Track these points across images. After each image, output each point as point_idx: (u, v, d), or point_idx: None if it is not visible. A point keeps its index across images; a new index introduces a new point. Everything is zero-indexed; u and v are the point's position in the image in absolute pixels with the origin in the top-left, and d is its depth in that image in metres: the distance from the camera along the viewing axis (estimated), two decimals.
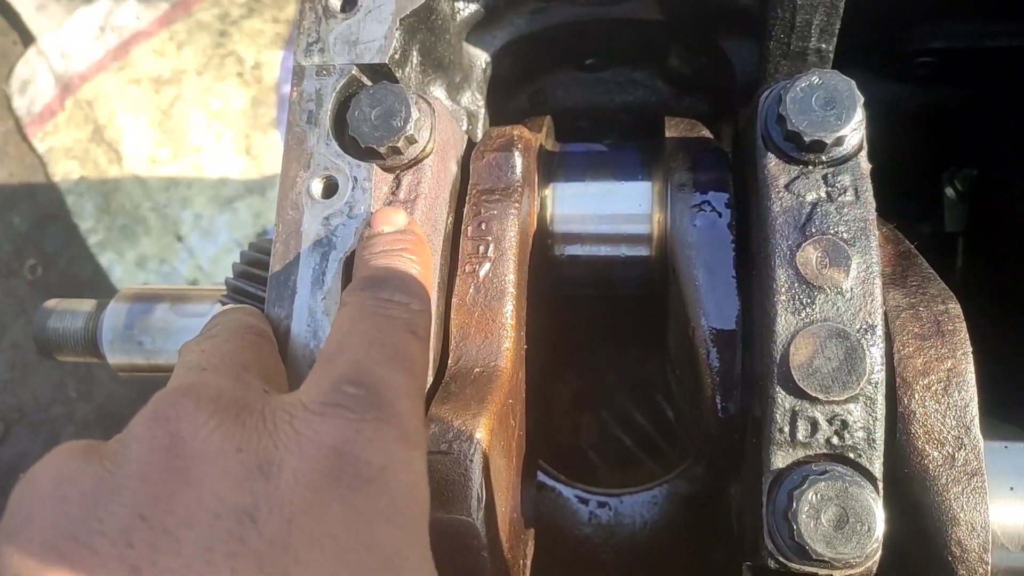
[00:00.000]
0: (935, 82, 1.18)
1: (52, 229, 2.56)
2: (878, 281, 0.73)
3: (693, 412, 0.88)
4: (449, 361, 0.88)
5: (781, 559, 0.69)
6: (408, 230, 0.79)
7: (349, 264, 0.81)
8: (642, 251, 1.01)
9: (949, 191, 1.28)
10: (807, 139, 0.77)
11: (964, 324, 0.78)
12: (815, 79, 0.78)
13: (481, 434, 0.77)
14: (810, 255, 0.74)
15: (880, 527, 0.67)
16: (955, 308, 0.80)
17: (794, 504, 0.67)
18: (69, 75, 2.49)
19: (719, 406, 0.85)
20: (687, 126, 1.02)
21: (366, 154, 0.85)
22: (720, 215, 0.90)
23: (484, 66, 1.13)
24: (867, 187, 0.77)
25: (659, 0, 1.05)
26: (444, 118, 0.91)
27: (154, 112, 2.43)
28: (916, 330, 0.78)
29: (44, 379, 2.47)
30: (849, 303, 0.73)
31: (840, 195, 0.77)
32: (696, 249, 0.89)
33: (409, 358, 0.67)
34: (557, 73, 1.29)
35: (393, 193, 0.86)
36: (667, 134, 1.01)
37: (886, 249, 0.86)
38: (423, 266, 0.78)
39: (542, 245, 1.03)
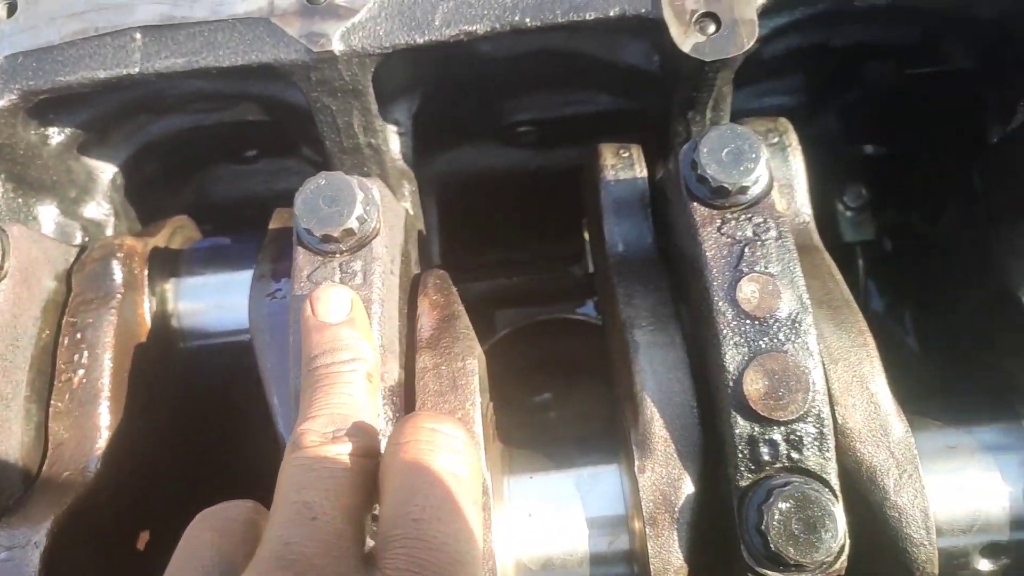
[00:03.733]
0: (542, 146, 1.33)
1: None
2: None
3: None
4: (44, 468, 0.94)
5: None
6: None
7: None
8: None
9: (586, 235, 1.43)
10: None
11: (476, 377, 0.90)
12: None
13: (42, 538, 0.83)
14: None
15: None
16: (472, 363, 0.91)
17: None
18: None
19: None
20: (288, 215, 1.12)
21: None
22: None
23: (112, 176, 1.20)
24: None
25: (259, 105, 1.15)
26: (24, 242, 0.97)
27: None
28: (435, 387, 0.89)
29: None
30: None
31: None
32: (268, 334, 0.98)
33: None
34: (215, 168, 1.37)
35: None
36: (270, 225, 1.11)
37: (432, 315, 0.98)
38: None
39: (165, 341, 1.10)
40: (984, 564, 0.88)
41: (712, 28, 0.92)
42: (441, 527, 0.65)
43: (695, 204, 0.89)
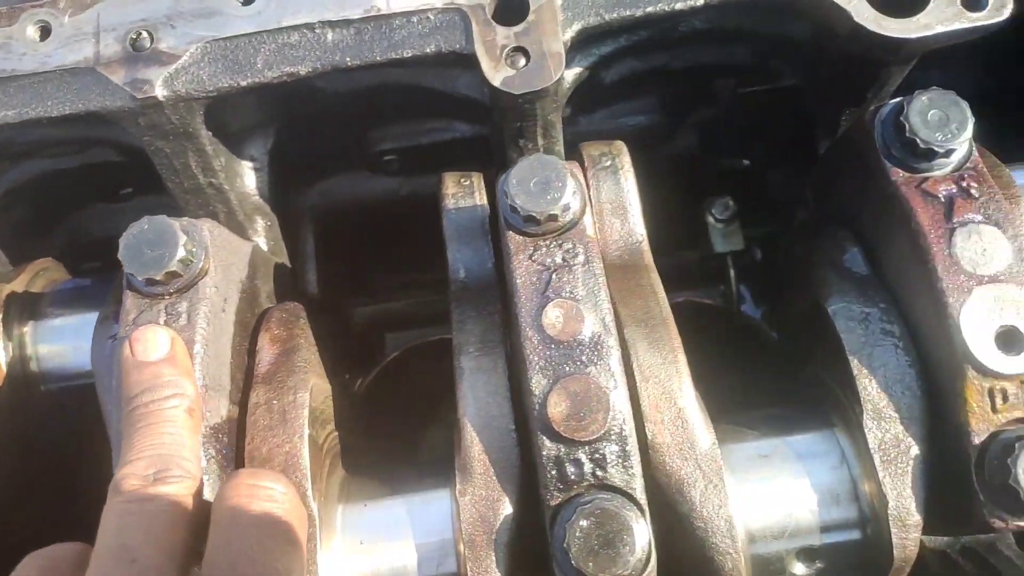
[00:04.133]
0: (409, 173, 1.36)
1: None
2: None
3: None
4: None
5: None
6: None
7: None
8: None
9: None
10: None
11: (305, 410, 0.92)
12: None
13: None
14: None
15: None
16: (303, 397, 0.93)
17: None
18: None
19: None
20: None
21: None
22: None
23: None
24: None
25: (111, 148, 1.17)
26: None
27: None
28: (264, 422, 0.91)
29: None
30: None
31: None
32: (108, 377, 0.99)
33: None
34: (91, 207, 1.38)
35: None
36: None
37: (271, 349, 1.00)
38: None
39: (23, 385, 1.11)
40: (800, 568, 0.92)
41: (522, 62, 0.95)
42: (255, 569, 0.70)
43: (510, 233, 0.92)
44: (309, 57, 0.98)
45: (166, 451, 0.78)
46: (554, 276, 0.89)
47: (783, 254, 1.15)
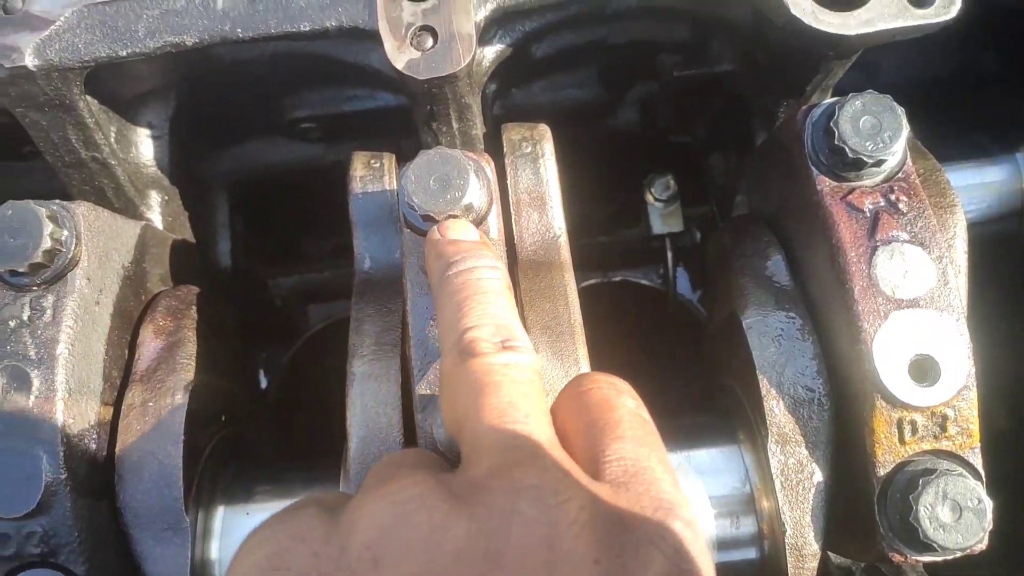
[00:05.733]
0: (332, 141, 1.28)
1: None
2: None
3: None
4: None
5: None
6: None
7: None
8: None
9: None
10: None
11: (183, 412, 0.86)
12: None
13: None
14: None
15: None
16: (181, 399, 0.88)
17: None
18: None
19: None
20: None
21: None
22: None
23: None
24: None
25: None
26: None
27: None
28: (137, 427, 0.86)
29: None
30: None
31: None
32: None
33: None
34: None
35: None
36: None
37: (154, 343, 0.94)
38: None
39: None
40: None
41: (429, 43, 0.87)
42: (644, 449, 0.60)
43: (407, 231, 0.86)
44: (195, 26, 0.89)
45: (504, 321, 0.66)
46: None
47: (713, 243, 1.09)
